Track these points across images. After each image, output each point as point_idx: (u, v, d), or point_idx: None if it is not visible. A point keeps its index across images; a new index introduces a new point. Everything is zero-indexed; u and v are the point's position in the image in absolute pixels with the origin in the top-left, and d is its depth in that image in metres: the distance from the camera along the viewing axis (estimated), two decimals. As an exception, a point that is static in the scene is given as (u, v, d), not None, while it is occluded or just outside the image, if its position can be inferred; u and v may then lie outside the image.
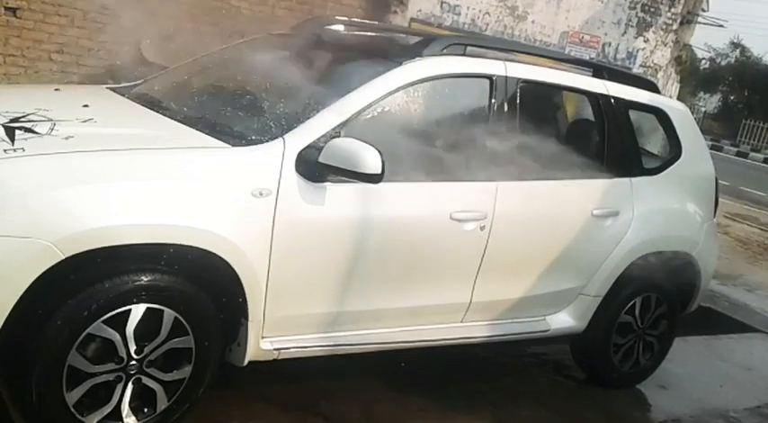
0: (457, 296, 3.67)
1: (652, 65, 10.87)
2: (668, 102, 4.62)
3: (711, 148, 25.69)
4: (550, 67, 4.08)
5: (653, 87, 4.52)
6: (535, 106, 3.83)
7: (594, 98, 4.13)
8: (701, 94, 36.29)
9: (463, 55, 3.66)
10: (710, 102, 36.25)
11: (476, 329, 3.82)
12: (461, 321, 3.77)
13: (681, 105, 4.70)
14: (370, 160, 2.97)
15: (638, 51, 10.71)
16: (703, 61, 34.93)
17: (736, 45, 34.23)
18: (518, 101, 3.71)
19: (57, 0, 6.98)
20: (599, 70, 4.31)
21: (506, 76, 3.69)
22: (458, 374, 4.17)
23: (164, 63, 6.87)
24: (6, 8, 6.75)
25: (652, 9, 10.67)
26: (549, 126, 4.16)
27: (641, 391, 4.55)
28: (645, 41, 10.69)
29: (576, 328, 4.14)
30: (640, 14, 10.58)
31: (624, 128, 4.19)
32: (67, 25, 7.13)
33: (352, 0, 8.93)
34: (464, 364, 4.25)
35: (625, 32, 10.57)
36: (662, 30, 10.74)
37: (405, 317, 3.53)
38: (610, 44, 10.56)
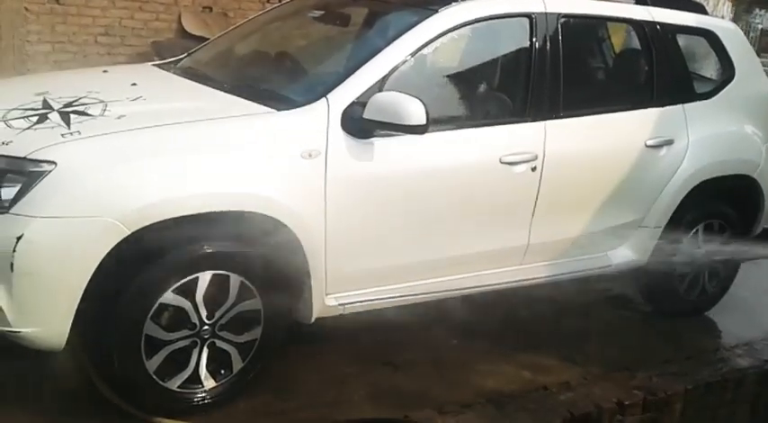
0: (514, 239, 3.68)
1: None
2: (717, 22, 4.47)
3: (771, 65, 24.85)
4: (590, -1, 3.99)
5: (700, 9, 4.38)
6: (578, 40, 3.77)
7: (639, 26, 4.03)
8: (757, 10, 34.72)
9: (499, -5, 3.61)
10: (767, 17, 34.69)
11: (536, 270, 3.83)
12: (521, 263, 3.78)
13: (731, 25, 4.54)
14: (414, 111, 2.99)
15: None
16: (757, -25, 33.35)
17: (791, -46, 32.54)
18: (560, 36, 3.64)
19: (96, -17, 7.11)
20: (642, -4, 4.19)
21: (546, 13, 3.63)
22: (522, 317, 4.20)
23: (205, 34, 6.98)
24: (50, -4, 6.91)
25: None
26: (595, 59, 4.09)
27: (710, 317, 4.52)
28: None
29: (639, 260, 4.11)
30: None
31: (672, 54, 4.08)
32: (109, 7, 7.27)
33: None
34: (527, 306, 4.27)
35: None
36: (709, -53, 10.30)
37: (463, 263, 3.57)
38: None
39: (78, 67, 6.99)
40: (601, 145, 3.79)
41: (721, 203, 4.27)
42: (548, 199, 3.63)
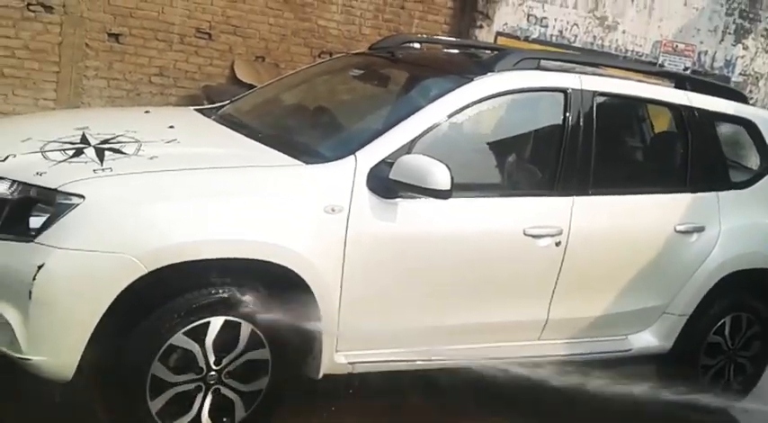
0: (533, 313, 3.64)
1: (752, 73, 10.45)
2: (756, 111, 4.44)
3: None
4: (629, 79, 4.01)
5: (741, 98, 4.37)
6: (613, 119, 3.77)
7: (677, 110, 4.02)
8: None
9: (537, 69, 3.65)
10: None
11: (554, 347, 3.77)
12: (539, 339, 3.73)
13: (771, 115, 4.51)
14: (439, 176, 3.01)
15: (736, 59, 10.31)
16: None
17: None
18: (594, 114, 3.66)
19: (155, 26, 7.38)
20: (681, 81, 4.20)
21: (582, 90, 3.65)
22: (539, 393, 4.10)
23: (256, 82, 7.16)
24: (110, 34, 7.18)
25: (751, 15, 10.26)
26: (629, 139, 4.09)
27: (732, 414, 4.36)
28: (744, 49, 10.29)
29: (661, 347, 4.02)
30: (738, 21, 10.20)
31: (709, 140, 4.06)
32: (166, 49, 7.52)
33: (438, 16, 9.01)
34: (544, 383, 4.17)
35: (722, 40, 10.21)
36: (762, 36, 10.31)
37: (479, 333, 3.53)
38: (706, 52, 10.22)
39: (131, 104, 7.23)
40: (629, 226, 3.76)
41: (751, 297, 4.16)
42: (570, 275, 3.60)
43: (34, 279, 2.59)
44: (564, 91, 3.63)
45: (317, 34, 8.31)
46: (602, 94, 3.74)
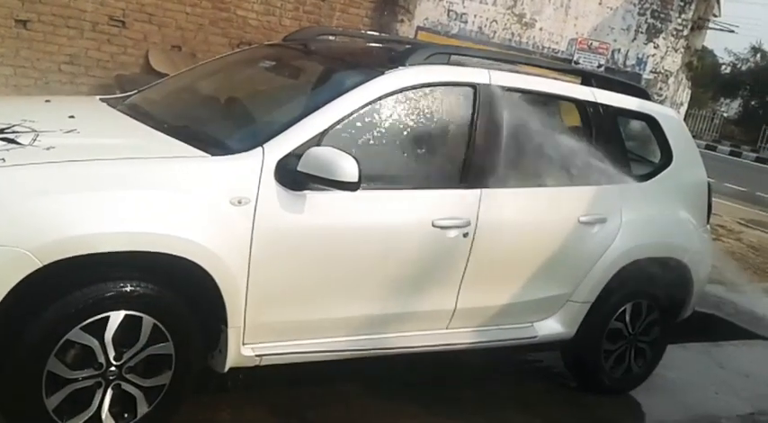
0: (441, 303, 3.69)
1: (663, 71, 10.83)
2: (658, 108, 4.61)
3: (730, 153, 25.59)
4: (538, 76, 4.10)
5: (643, 94, 4.53)
6: (520, 114, 3.85)
7: (582, 106, 4.15)
8: (722, 99, 35.95)
9: (447, 64, 3.70)
10: (731, 107, 35.90)
11: (461, 336, 3.83)
12: (447, 328, 3.79)
13: (671, 112, 4.70)
14: (347, 168, 3.02)
15: (648, 57, 10.67)
16: (723, 66, 34.65)
17: (756, 50, 33.93)
18: (502, 109, 3.73)
19: (66, 12, 7.13)
20: (587, 78, 4.33)
21: (490, 85, 3.72)
22: (447, 381, 4.19)
23: (171, 72, 7.00)
24: (17, 20, 6.91)
25: (662, 15, 10.63)
26: (535, 134, 4.15)
27: (633, 397, 4.54)
28: (655, 47, 10.65)
29: (565, 334, 4.14)
30: (650, 20, 10.55)
31: (612, 135, 4.20)
32: (77, 37, 7.28)
33: (360, 10, 9.01)
34: (454, 370, 4.26)
35: (635, 39, 10.54)
36: (672, 36, 10.69)
37: (388, 323, 3.56)
38: (619, 50, 10.54)
39: (40, 93, 6.96)
40: (535, 217, 3.85)
41: (650, 285, 4.32)
42: (478, 266, 3.66)
43: None
44: (473, 86, 3.68)
45: (235, 24, 8.19)
46: (511, 89, 3.82)
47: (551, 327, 4.10)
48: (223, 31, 8.14)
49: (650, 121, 4.44)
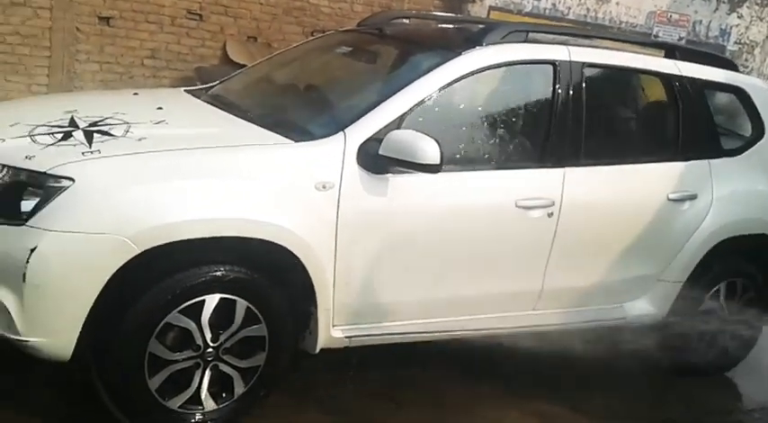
0: (527, 284, 3.67)
1: (748, 42, 10.40)
2: (748, 79, 4.43)
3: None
4: (619, 50, 4.00)
5: (731, 65, 4.36)
6: (603, 90, 3.77)
7: (667, 79, 4.02)
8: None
9: (525, 41, 3.65)
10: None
11: (549, 317, 3.80)
12: (533, 309, 3.76)
13: (761, 83, 4.50)
14: (429, 150, 3.02)
15: (731, 28, 10.26)
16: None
17: None
18: (584, 85, 3.66)
19: (146, 8, 7.35)
20: (671, 50, 4.19)
21: (570, 61, 3.65)
22: (532, 362, 4.15)
23: (248, 63, 7.14)
24: (100, 17, 7.16)
25: (746, -17, 10.21)
26: (619, 110, 4.08)
27: (729, 378, 4.41)
28: (739, 17, 10.24)
29: (656, 314, 4.05)
30: (733, -11, 10.14)
31: (699, 108, 4.06)
32: (157, 31, 7.50)
33: (430, -8, 8.97)
34: (539, 351, 4.22)
35: (717, 9, 10.16)
36: (757, 4, 10.24)
37: (474, 305, 3.56)
38: (701, 22, 10.17)
39: (124, 87, 7.22)
40: (621, 195, 3.77)
41: (745, 263, 4.18)
42: (563, 246, 3.61)
43: (27, 262, 2.61)
44: (553, 63, 3.62)
45: (308, 13, 8.28)
46: (591, 65, 3.74)
47: (641, 307, 4.01)
48: (296, 19, 8.25)
49: (739, 93, 4.27)
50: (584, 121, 3.64)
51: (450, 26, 4.35)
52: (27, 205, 2.68)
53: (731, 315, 4.25)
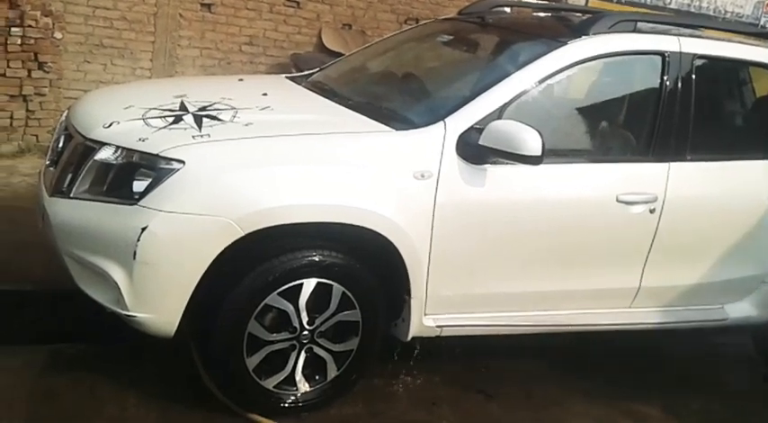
0: (625, 280, 3.58)
1: None
2: None
3: None
4: (732, 41, 3.84)
5: None
6: (713, 83, 3.63)
7: (781, 73, 3.83)
8: None
9: (633, 31, 3.54)
10: None
11: (646, 315, 3.71)
12: (630, 306, 3.67)
13: None
14: (530, 142, 2.97)
15: None
16: None
17: None
18: (693, 77, 3.53)
19: (246, -5, 7.49)
20: (785, 41, 4.00)
21: (680, 52, 3.53)
22: (628, 361, 4.08)
23: (343, 50, 7.21)
24: (202, 4, 7.34)
25: None
26: (729, 104, 3.92)
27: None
28: None
29: (758, 317, 3.90)
30: None
31: (815, 104, 3.85)
32: (256, 18, 7.63)
33: (528, -21, 8.81)
34: (636, 350, 4.14)
35: (830, -2, 9.59)
36: None
37: (568, 299, 3.51)
38: (812, 11, 9.63)
39: (222, 72, 7.40)
40: (726, 193, 3.63)
41: None
42: (664, 243, 3.51)
43: (138, 240, 2.71)
44: (662, 54, 3.51)
45: (403, 1, 8.27)
46: (702, 56, 3.60)
47: (744, 309, 3.86)
48: (391, 7, 8.25)
49: None
50: (692, 115, 3.52)
51: (554, 15, 4.26)
52: (139, 186, 2.78)
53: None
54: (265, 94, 3.44)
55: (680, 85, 3.51)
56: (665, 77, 3.50)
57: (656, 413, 3.64)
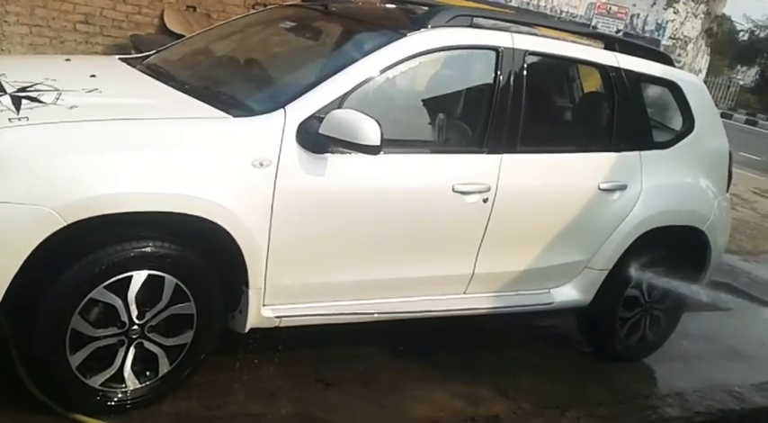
0: (459, 267, 3.70)
1: (682, 37, 10.69)
2: (682, 75, 4.55)
3: (746, 122, 25.31)
4: (560, 40, 4.05)
5: (667, 60, 4.46)
6: (543, 79, 3.81)
7: (605, 71, 4.09)
8: (739, 66, 35.47)
9: (470, 26, 3.65)
10: (748, 74, 35.42)
11: (478, 301, 3.85)
12: (464, 292, 3.80)
13: (695, 78, 4.63)
14: (369, 132, 2.99)
15: (667, 23, 10.53)
16: (741, 33, 34.14)
17: (776, 16, 33.38)
18: (525, 73, 3.69)
19: (82, -29, 7.06)
20: (611, 42, 4.27)
21: (513, 48, 3.67)
22: (461, 345, 4.23)
23: (186, 33, 6.95)
24: (33, -21, 6.85)
25: (683, -20, 10.47)
26: (557, 99, 4.14)
27: (647, 364, 4.56)
28: (674, 13, 10.50)
29: (581, 301, 4.15)
30: (670, -15, 10.39)
31: (634, 101, 4.14)
32: (92, -5, 7.21)
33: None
34: (468, 334, 4.30)
35: (654, 3, 10.39)
36: (692, 1, 10.51)
37: (406, 287, 3.58)
38: (638, 15, 10.40)
39: (54, 52, 6.94)
40: (554, 183, 3.83)
41: (669, 253, 4.31)
42: (496, 231, 3.66)
43: (-53, 230, 2.49)
44: (496, 49, 3.64)
45: (252, -17, 8.11)
46: (534, 53, 3.77)
47: (568, 293, 4.10)
48: (239, -10, 8.06)
49: (673, 87, 4.38)
50: (523, 109, 3.67)
51: (396, 7, 4.32)
52: (-54, 171, 2.54)
53: (651, 303, 4.38)
54: (94, 76, 3.25)
55: (512, 79, 3.66)
56: (499, 72, 3.63)
57: (487, 394, 3.79)
